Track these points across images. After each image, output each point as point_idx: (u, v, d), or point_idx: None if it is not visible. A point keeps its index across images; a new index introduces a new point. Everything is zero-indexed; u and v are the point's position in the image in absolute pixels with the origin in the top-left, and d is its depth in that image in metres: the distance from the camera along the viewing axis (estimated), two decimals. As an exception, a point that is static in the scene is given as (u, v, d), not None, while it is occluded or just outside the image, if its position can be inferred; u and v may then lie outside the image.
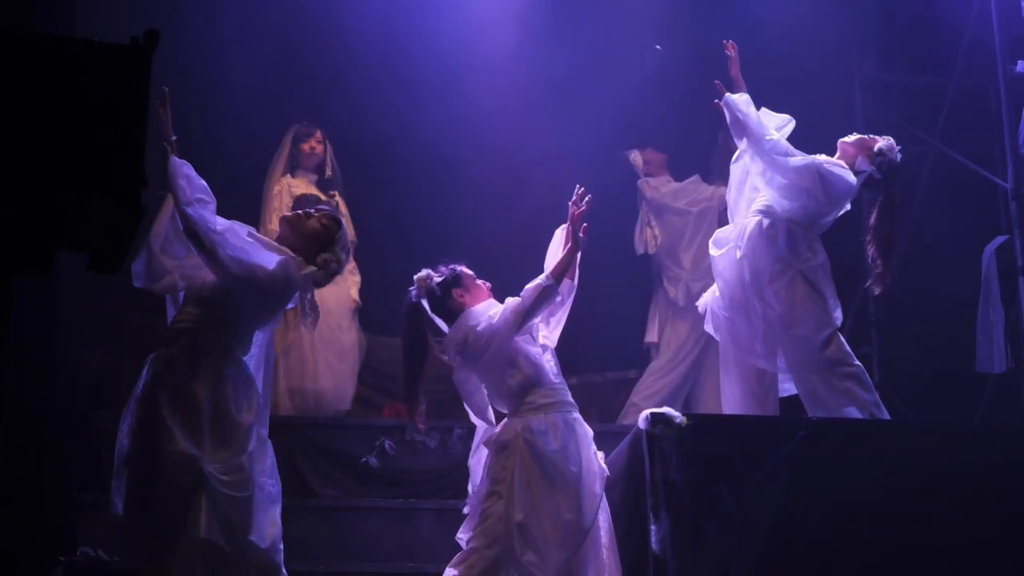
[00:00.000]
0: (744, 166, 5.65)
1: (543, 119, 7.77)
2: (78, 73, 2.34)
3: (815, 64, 7.67)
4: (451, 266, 4.83)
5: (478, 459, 4.75)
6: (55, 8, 5.00)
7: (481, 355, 4.63)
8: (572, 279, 4.81)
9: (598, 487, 4.54)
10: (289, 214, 4.76)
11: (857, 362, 5.40)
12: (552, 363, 4.72)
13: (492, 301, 4.77)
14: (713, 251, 5.63)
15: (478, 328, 4.62)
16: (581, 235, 4.73)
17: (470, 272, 4.85)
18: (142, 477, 4.24)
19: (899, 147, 5.68)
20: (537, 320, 4.71)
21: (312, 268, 4.51)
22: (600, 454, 4.65)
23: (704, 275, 6.87)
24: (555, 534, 4.41)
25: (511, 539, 4.38)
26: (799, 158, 5.44)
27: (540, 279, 4.65)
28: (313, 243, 4.57)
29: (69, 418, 5.67)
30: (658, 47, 8.04)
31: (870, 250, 5.61)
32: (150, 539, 4.22)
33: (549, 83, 7.86)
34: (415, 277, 4.83)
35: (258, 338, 4.54)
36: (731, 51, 5.63)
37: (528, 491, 4.44)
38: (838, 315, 5.46)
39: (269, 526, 4.30)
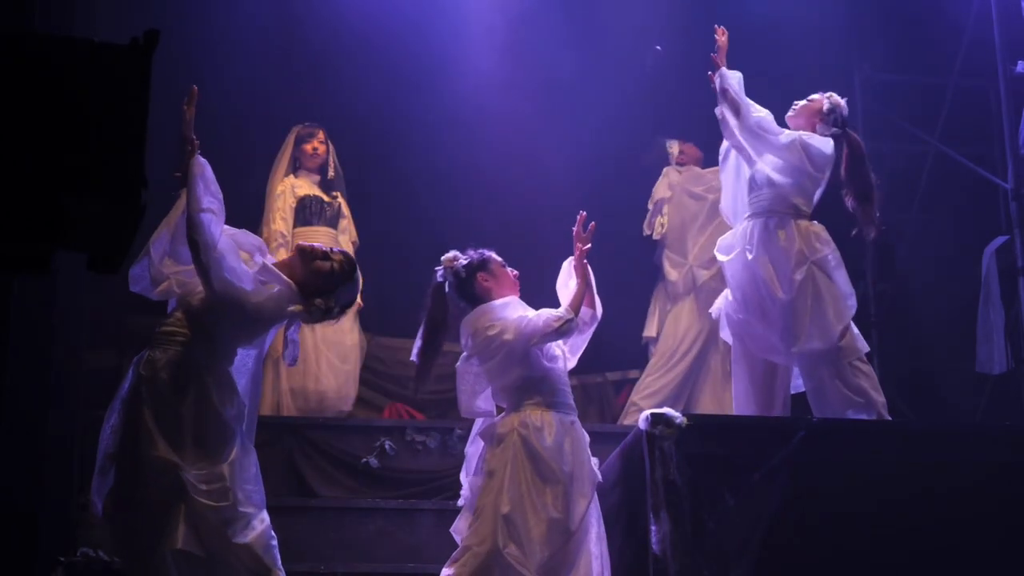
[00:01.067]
0: (733, 166, 5.68)
1: (544, 120, 7.77)
2: (78, 73, 2.34)
3: (815, 63, 7.67)
4: (480, 250, 4.85)
5: (475, 449, 4.77)
6: (55, 8, 4.99)
7: (488, 361, 4.65)
8: (593, 308, 4.80)
9: (589, 490, 4.54)
10: (306, 244, 4.65)
11: (866, 360, 5.43)
12: (562, 369, 4.74)
13: (513, 300, 4.75)
14: (721, 257, 5.64)
15: (490, 334, 4.61)
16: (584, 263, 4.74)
17: (499, 258, 4.85)
18: (124, 478, 4.24)
19: (844, 99, 5.72)
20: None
21: (299, 308, 4.46)
22: (595, 460, 4.66)
23: (710, 264, 6.89)
24: (539, 530, 4.40)
25: (496, 530, 4.39)
26: (784, 135, 5.48)
27: (561, 311, 4.63)
28: (315, 282, 4.51)
29: (69, 418, 5.67)
30: (658, 47, 8.04)
31: (849, 201, 5.65)
32: (131, 540, 4.22)
33: (550, 83, 7.87)
34: (443, 258, 4.84)
35: (250, 353, 4.53)
36: (721, 36, 5.63)
37: (518, 485, 4.46)
38: (852, 303, 5.47)
39: (256, 530, 4.27)
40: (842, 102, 5.69)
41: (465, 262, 4.81)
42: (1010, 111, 7.14)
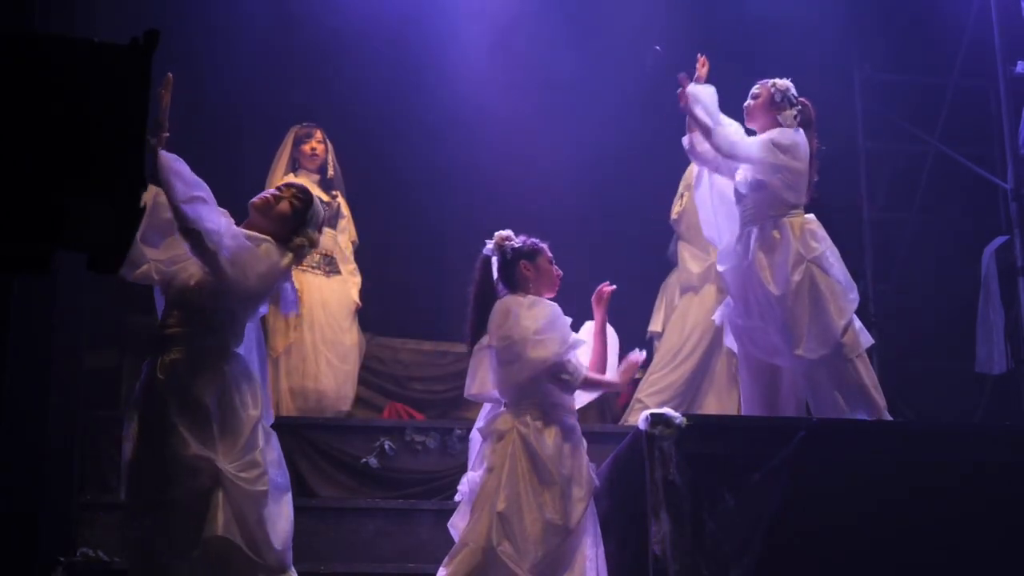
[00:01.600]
0: (708, 185, 5.68)
1: (544, 120, 7.77)
2: (78, 73, 2.34)
3: (815, 64, 7.68)
4: (534, 240, 4.86)
5: (475, 443, 4.79)
6: (55, 8, 5.00)
7: (502, 364, 4.64)
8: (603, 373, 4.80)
9: (586, 494, 4.54)
10: (256, 199, 4.58)
11: (867, 358, 5.41)
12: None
13: (557, 315, 4.70)
14: (719, 267, 5.64)
15: (515, 336, 4.58)
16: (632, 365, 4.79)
17: (549, 254, 4.85)
18: (155, 483, 4.21)
19: (789, 79, 5.65)
20: None
21: (290, 257, 4.46)
22: (592, 466, 4.66)
23: None
24: (535, 529, 4.40)
25: (490, 527, 4.40)
26: (754, 142, 5.46)
27: (575, 370, 4.61)
28: (285, 225, 4.50)
29: (69, 418, 5.67)
30: (658, 47, 8.03)
31: None
32: (166, 544, 4.18)
33: (550, 83, 7.87)
34: (496, 233, 4.86)
35: (250, 325, 4.53)
36: (701, 68, 5.61)
37: (515, 483, 4.46)
38: (854, 296, 5.44)
39: (283, 522, 4.30)
40: (784, 82, 5.60)
41: (515, 245, 4.83)
42: (1010, 111, 7.14)
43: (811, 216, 5.52)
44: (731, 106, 5.61)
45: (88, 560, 5.44)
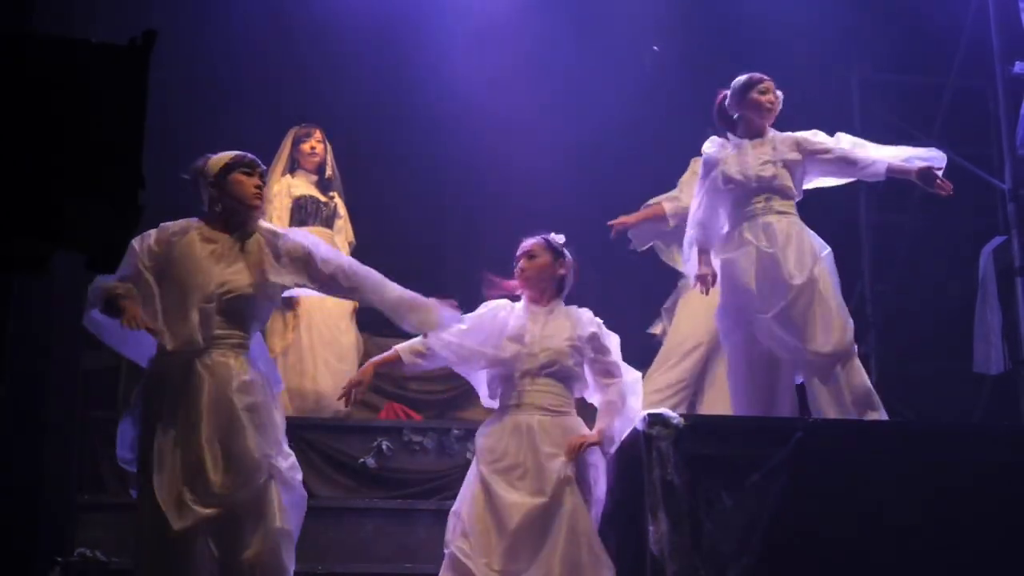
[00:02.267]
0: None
1: (543, 120, 7.77)
2: (77, 73, 2.34)
3: (814, 64, 7.68)
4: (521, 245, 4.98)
5: None
6: (55, 8, 4.99)
7: None
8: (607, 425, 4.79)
9: (548, 489, 4.50)
10: (256, 201, 4.66)
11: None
12: (522, 368, 4.72)
13: (488, 306, 4.78)
14: (716, 258, 5.62)
15: (461, 331, 4.71)
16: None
17: (519, 251, 4.94)
18: (220, 483, 4.21)
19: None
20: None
21: (269, 220, 4.72)
22: (571, 465, 4.59)
23: None
24: (484, 526, 4.44)
25: (449, 528, 4.50)
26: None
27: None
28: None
29: (69, 418, 5.67)
30: (655, 48, 8.04)
31: None
32: (224, 545, 4.21)
33: (550, 83, 7.87)
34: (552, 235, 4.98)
35: None
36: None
37: (470, 484, 4.58)
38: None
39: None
40: (733, 86, 5.63)
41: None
42: (1008, 112, 7.14)
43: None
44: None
45: (86, 560, 5.43)
